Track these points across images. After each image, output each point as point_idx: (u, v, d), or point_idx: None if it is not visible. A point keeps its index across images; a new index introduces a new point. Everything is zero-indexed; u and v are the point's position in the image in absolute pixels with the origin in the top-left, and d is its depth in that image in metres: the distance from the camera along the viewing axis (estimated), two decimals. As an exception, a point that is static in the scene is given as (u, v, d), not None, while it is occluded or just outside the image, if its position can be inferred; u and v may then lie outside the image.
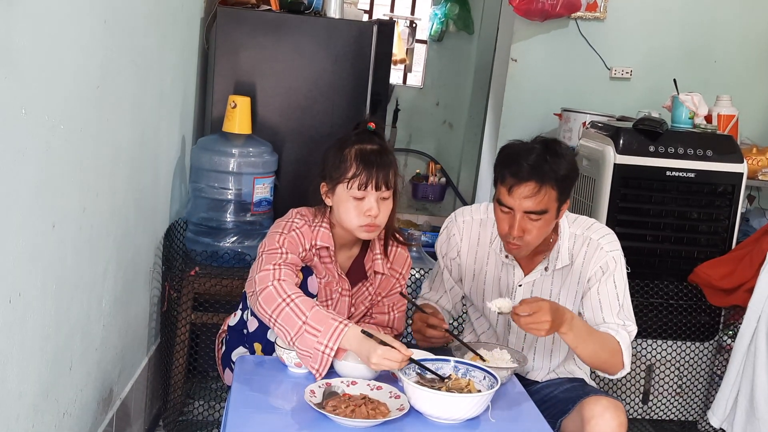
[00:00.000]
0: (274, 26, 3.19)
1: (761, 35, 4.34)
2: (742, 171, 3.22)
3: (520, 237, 2.09)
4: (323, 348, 1.85)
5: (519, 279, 2.25)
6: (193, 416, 2.98)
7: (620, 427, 1.98)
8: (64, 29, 1.66)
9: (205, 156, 2.92)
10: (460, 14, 5.95)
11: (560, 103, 4.19)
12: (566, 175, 2.09)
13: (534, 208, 2.06)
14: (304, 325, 1.87)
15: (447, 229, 2.36)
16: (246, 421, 1.70)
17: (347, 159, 2.04)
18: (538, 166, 2.05)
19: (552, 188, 2.06)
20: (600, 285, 2.19)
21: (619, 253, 2.22)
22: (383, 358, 1.81)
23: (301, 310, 1.89)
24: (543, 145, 2.10)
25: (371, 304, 2.24)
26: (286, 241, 2.04)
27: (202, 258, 2.88)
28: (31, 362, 1.65)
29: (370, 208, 2.03)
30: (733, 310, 3.24)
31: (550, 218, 2.10)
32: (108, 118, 2.01)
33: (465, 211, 2.37)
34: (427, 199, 6.11)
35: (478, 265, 2.31)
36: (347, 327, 1.86)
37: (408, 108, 6.11)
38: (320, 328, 1.86)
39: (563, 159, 2.09)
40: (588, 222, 2.26)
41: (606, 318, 2.18)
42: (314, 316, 1.88)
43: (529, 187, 2.05)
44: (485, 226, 2.30)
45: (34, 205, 1.58)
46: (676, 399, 3.31)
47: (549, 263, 2.22)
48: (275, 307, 1.91)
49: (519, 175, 2.06)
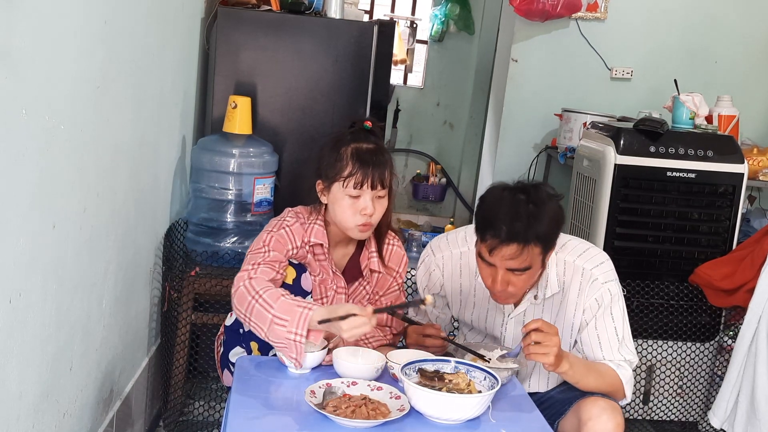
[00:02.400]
0: (274, 26, 3.19)
1: (762, 35, 4.34)
2: (742, 171, 3.22)
3: (503, 290, 2.04)
4: (293, 336, 1.86)
5: (509, 311, 2.20)
6: (194, 416, 2.98)
7: (617, 428, 1.97)
8: (64, 29, 1.66)
9: (206, 156, 2.92)
10: (460, 14, 5.95)
11: (561, 103, 4.19)
12: (549, 231, 2.00)
13: (517, 266, 1.99)
14: (273, 317, 1.88)
15: (425, 265, 2.30)
16: (246, 421, 1.70)
17: (343, 158, 2.05)
18: (518, 228, 1.94)
19: (535, 245, 1.97)
20: (597, 321, 2.13)
21: (615, 283, 2.15)
22: (352, 329, 1.83)
23: (269, 303, 1.90)
24: (525, 197, 1.98)
25: (369, 303, 2.23)
26: (272, 240, 2.07)
27: (202, 258, 2.88)
28: (31, 362, 1.65)
29: (365, 207, 2.04)
30: (733, 311, 3.24)
31: (534, 271, 2.04)
32: (108, 118, 2.01)
33: (442, 244, 2.28)
34: (427, 199, 6.10)
35: (464, 296, 2.26)
36: (311, 311, 1.87)
37: (408, 108, 6.11)
38: (287, 317, 1.87)
39: (546, 213, 1.97)
40: (580, 247, 2.17)
41: (606, 356, 2.14)
42: (280, 307, 1.89)
43: (511, 248, 1.95)
44: (467, 257, 2.22)
45: (34, 205, 1.58)
46: (676, 399, 3.31)
47: (538, 291, 2.16)
48: (247, 305, 1.93)
49: (500, 237, 1.95)
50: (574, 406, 2.05)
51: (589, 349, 2.16)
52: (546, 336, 1.92)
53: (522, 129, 4.34)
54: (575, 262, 2.14)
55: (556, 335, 1.93)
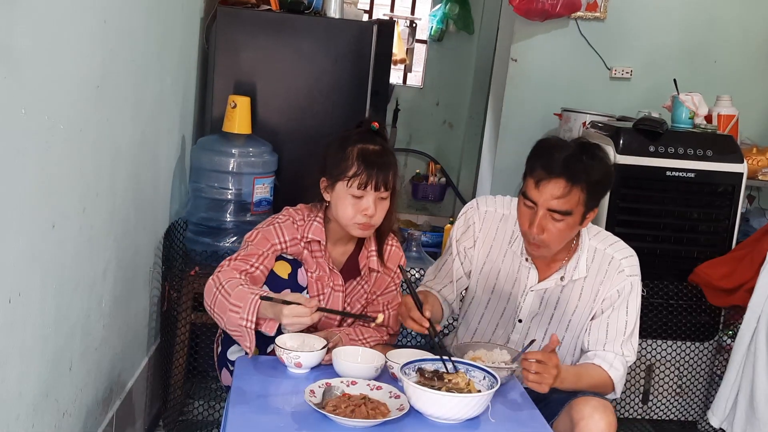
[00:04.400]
0: (274, 26, 3.19)
1: (761, 35, 4.33)
2: (742, 171, 3.22)
3: (538, 236, 2.02)
4: (245, 322, 1.89)
5: (533, 283, 2.21)
6: (193, 416, 2.98)
7: (609, 427, 1.96)
8: (64, 29, 1.66)
9: (205, 156, 2.92)
10: (460, 14, 5.95)
11: (560, 103, 4.19)
12: (599, 180, 2.01)
13: (559, 208, 1.98)
14: (229, 305, 1.91)
15: (465, 216, 2.29)
16: (246, 421, 1.70)
17: (349, 157, 2.06)
18: (572, 164, 1.96)
19: (582, 191, 1.98)
20: (612, 311, 2.15)
21: (638, 278, 2.17)
22: (293, 317, 1.85)
23: (228, 292, 1.93)
24: (581, 146, 2.02)
25: (367, 302, 2.25)
26: (257, 235, 2.10)
27: (202, 258, 2.88)
28: (31, 362, 1.65)
29: (367, 207, 2.05)
30: (733, 310, 3.24)
31: (573, 222, 2.02)
32: (108, 118, 2.01)
33: (489, 200, 2.28)
34: (427, 199, 6.10)
35: (489, 261, 2.25)
36: (258, 296, 1.90)
37: (408, 108, 6.11)
38: (240, 304, 1.90)
39: (600, 163, 2.01)
40: (611, 238, 2.20)
41: (607, 347, 2.15)
42: (236, 295, 1.92)
43: (559, 184, 1.97)
44: (506, 221, 2.22)
45: (34, 205, 1.58)
46: (676, 399, 3.31)
47: (566, 273, 2.17)
48: (212, 298, 1.96)
49: (550, 168, 1.96)
50: (567, 406, 2.05)
51: (594, 335, 2.17)
52: (545, 368, 1.90)
53: (521, 129, 4.34)
54: (606, 250, 2.16)
55: (555, 367, 1.91)
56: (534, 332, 2.25)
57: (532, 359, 1.90)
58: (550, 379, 1.91)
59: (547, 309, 2.23)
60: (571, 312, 2.20)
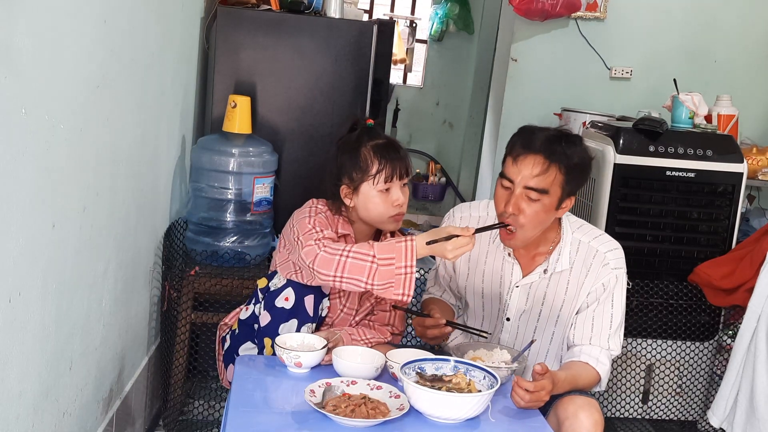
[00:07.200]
0: (274, 26, 3.19)
1: (761, 35, 4.34)
2: (742, 171, 3.22)
3: (514, 216, 2.05)
4: (403, 270, 1.91)
5: (517, 279, 2.23)
6: (193, 416, 2.98)
7: (595, 425, 1.96)
8: (64, 29, 1.66)
9: (206, 156, 2.92)
10: (460, 14, 5.95)
11: (560, 102, 4.19)
12: (578, 164, 2.05)
13: (536, 185, 2.01)
14: (375, 262, 1.92)
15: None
16: (246, 421, 1.70)
17: (367, 158, 2.12)
18: (552, 144, 2.02)
19: (560, 171, 2.02)
20: (598, 305, 2.16)
21: (623, 271, 2.18)
22: (456, 248, 1.92)
23: (364, 253, 1.94)
24: (561, 131, 2.08)
25: (376, 301, 2.28)
26: (317, 223, 2.11)
27: (202, 258, 2.88)
28: (31, 362, 1.65)
29: (397, 198, 2.12)
30: (733, 310, 3.24)
31: (549, 205, 2.05)
32: (108, 118, 2.01)
33: (464, 207, 2.34)
34: (427, 198, 6.11)
35: (473, 260, 2.29)
36: (413, 241, 1.94)
37: (408, 108, 6.12)
38: (392, 255, 1.92)
39: (579, 149, 2.06)
40: (595, 231, 2.22)
41: (593, 341, 2.16)
42: (380, 250, 1.94)
43: (537, 160, 2.01)
44: (484, 222, 2.26)
45: (34, 205, 1.58)
46: (675, 399, 3.32)
47: (549, 266, 2.19)
48: (336, 264, 1.95)
49: (529, 145, 2.02)
50: (554, 405, 2.05)
51: (580, 329, 2.18)
52: (537, 395, 1.87)
53: (522, 128, 4.34)
54: (590, 243, 2.18)
55: (547, 395, 1.89)
56: (523, 331, 2.26)
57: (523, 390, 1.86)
58: (543, 403, 1.90)
59: (535, 306, 2.24)
60: (559, 308, 2.21)
